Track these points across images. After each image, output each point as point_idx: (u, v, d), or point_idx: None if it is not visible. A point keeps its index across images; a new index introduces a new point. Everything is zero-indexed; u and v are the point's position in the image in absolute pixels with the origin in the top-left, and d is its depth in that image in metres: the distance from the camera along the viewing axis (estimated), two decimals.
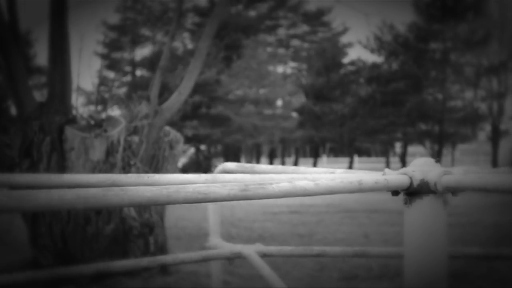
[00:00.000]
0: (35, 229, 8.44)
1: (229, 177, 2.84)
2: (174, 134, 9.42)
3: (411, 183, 2.09)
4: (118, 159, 8.36)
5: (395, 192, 2.15)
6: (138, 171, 8.60)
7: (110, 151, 8.29)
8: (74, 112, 8.98)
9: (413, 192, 2.10)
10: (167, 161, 9.05)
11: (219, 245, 3.67)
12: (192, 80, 9.00)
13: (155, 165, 8.92)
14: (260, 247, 3.27)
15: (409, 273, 2.15)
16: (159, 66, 9.19)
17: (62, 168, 8.17)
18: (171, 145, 9.21)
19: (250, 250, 3.21)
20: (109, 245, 8.39)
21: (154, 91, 8.84)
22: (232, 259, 3.58)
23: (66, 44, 8.73)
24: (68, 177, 2.69)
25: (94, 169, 8.13)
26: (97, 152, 8.20)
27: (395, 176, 2.11)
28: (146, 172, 8.72)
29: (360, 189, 2.11)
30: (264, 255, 3.32)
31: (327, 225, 15.82)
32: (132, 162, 8.62)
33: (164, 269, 8.77)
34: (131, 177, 2.83)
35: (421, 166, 2.14)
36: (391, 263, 9.70)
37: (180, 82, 9.44)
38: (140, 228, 8.62)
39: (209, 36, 9.23)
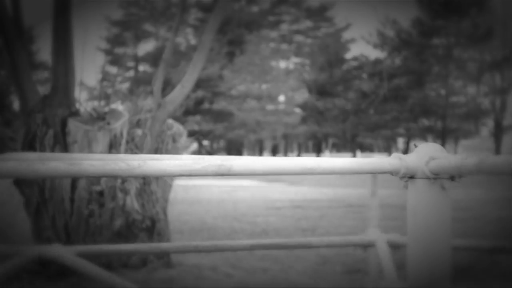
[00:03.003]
0: (39, 222, 8.45)
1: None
2: (177, 127, 9.43)
3: (401, 167, 2.09)
4: (121, 152, 8.37)
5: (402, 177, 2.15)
6: None
7: (113, 144, 8.30)
8: (77, 105, 8.98)
9: (410, 176, 2.11)
10: (170, 154, 9.05)
11: None
12: (195, 73, 9.00)
13: None
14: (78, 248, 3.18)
15: (412, 261, 2.14)
16: (163, 59, 9.20)
17: None
18: (174, 138, 9.23)
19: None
20: (112, 238, 8.41)
21: (157, 84, 8.85)
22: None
23: (69, 37, 8.73)
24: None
25: None
26: (100, 145, 8.22)
27: (385, 160, 2.11)
28: None
29: (357, 171, 2.12)
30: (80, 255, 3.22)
31: (330, 219, 15.82)
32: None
33: (166, 262, 8.80)
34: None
35: (423, 151, 2.13)
36: (395, 257, 9.69)
37: (183, 77, 9.45)
38: (143, 221, 8.63)
39: (212, 29, 9.23)
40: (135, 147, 8.64)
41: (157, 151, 8.96)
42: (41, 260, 2.88)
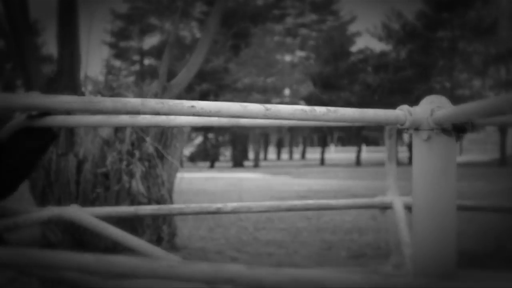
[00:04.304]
0: (44, 205, 8.47)
1: None
2: None
3: (406, 118, 2.08)
4: (126, 135, 8.39)
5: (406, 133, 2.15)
6: (148, 147, 8.64)
7: (119, 127, 8.32)
8: (83, 89, 9.00)
9: (412, 127, 2.10)
10: (175, 138, 9.07)
11: None
12: (201, 57, 9.02)
13: (164, 141, 8.95)
14: (80, 208, 3.20)
15: (417, 221, 2.13)
16: (168, 43, 9.22)
17: (71, 144, 8.21)
18: None
19: None
20: (117, 221, 8.42)
21: (163, 67, 8.86)
22: None
23: (75, 20, 8.74)
24: None
25: (103, 145, 8.16)
26: (106, 128, 8.23)
27: (391, 111, 2.10)
28: (156, 148, 8.76)
29: (360, 120, 2.12)
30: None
31: (335, 210, 15.83)
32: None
33: (172, 245, 8.82)
34: None
35: (428, 103, 2.12)
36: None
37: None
38: (148, 204, 8.64)
39: (218, 13, 9.25)
40: (140, 130, 8.65)
41: (162, 134, 8.97)
42: (59, 221, 2.95)
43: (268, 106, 1.96)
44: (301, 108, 2.00)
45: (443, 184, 2.05)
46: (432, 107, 2.09)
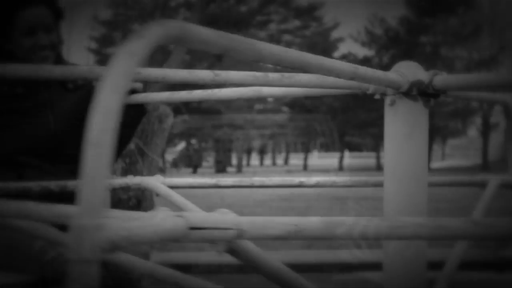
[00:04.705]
0: None
1: None
2: (163, 108, 9.40)
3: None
4: None
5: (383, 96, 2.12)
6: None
7: None
8: None
9: (378, 92, 2.07)
10: (156, 135, 9.05)
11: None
12: (181, 53, 9.03)
13: (145, 138, 8.92)
14: (161, 178, 3.22)
15: (388, 188, 2.12)
16: None
17: None
18: (160, 119, 9.20)
19: (153, 181, 3.16)
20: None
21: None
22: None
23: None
24: None
25: None
26: None
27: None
28: (137, 145, 8.75)
29: (318, 85, 2.10)
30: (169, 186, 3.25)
31: (317, 210, 15.88)
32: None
33: None
34: None
35: (396, 69, 2.10)
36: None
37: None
38: (129, 200, 8.63)
39: (197, 13, 9.28)
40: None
41: (143, 132, 8.95)
42: (138, 188, 3.11)
43: (217, 72, 1.98)
44: (253, 74, 2.00)
45: (410, 149, 2.02)
46: (399, 72, 2.06)
